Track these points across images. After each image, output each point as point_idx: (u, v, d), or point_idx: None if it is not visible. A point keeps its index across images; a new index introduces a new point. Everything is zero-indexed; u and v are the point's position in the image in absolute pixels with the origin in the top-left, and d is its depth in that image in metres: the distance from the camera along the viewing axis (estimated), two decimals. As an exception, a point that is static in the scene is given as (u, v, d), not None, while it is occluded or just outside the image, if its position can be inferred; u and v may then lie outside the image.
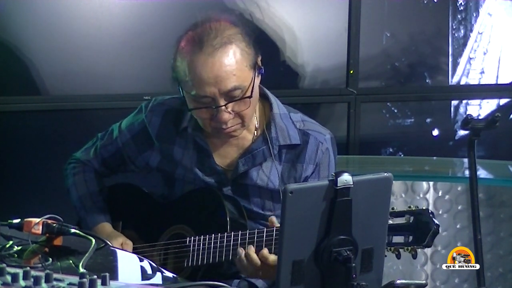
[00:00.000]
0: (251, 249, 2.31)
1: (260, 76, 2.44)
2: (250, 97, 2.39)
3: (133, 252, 2.51)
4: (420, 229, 2.21)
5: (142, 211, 2.67)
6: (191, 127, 2.53)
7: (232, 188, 2.54)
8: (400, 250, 2.23)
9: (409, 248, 2.22)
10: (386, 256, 2.09)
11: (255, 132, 2.54)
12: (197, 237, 2.45)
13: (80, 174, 2.73)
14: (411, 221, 2.22)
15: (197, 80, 2.35)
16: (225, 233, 2.39)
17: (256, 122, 2.53)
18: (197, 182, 2.55)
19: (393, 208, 2.20)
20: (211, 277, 2.41)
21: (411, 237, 2.22)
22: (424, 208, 2.24)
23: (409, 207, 2.24)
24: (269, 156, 2.51)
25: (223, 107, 2.37)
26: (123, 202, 2.73)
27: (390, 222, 2.17)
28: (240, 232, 2.38)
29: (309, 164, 2.52)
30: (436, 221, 2.21)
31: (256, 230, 2.36)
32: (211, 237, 2.41)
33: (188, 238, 2.47)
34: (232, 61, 2.35)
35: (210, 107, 2.38)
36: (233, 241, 2.37)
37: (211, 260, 2.41)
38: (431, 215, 2.21)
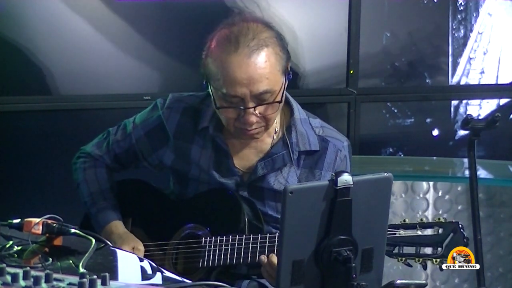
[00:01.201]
0: (274, 257, 2.30)
1: (288, 81, 2.43)
2: (280, 102, 2.39)
3: (145, 251, 2.49)
4: (449, 242, 2.21)
5: (154, 208, 2.64)
6: (212, 127, 2.51)
7: (248, 191, 2.52)
8: (428, 261, 2.23)
9: (438, 260, 2.22)
10: (411, 266, 2.10)
11: (274, 135, 2.53)
12: (213, 237, 2.43)
13: (92, 169, 2.68)
14: (439, 233, 2.21)
15: (229, 79, 2.34)
16: (244, 235, 2.38)
17: (276, 126, 2.52)
18: (212, 183, 2.53)
19: (421, 220, 2.21)
20: (223, 277, 2.41)
21: (439, 249, 2.22)
22: (453, 221, 2.24)
23: (438, 218, 2.24)
24: (289, 161, 2.50)
25: (251, 109, 2.36)
26: (134, 198, 2.69)
27: (419, 233, 2.17)
28: (259, 235, 2.36)
29: (328, 171, 2.50)
30: (465, 234, 2.22)
31: (275, 234, 2.34)
32: (228, 239, 2.39)
33: (204, 239, 2.44)
34: (267, 64, 2.35)
35: (239, 107, 2.37)
36: (252, 244, 2.36)
37: (227, 261, 2.39)
38: (460, 229, 2.22)
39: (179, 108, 2.57)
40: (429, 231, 2.23)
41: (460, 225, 2.22)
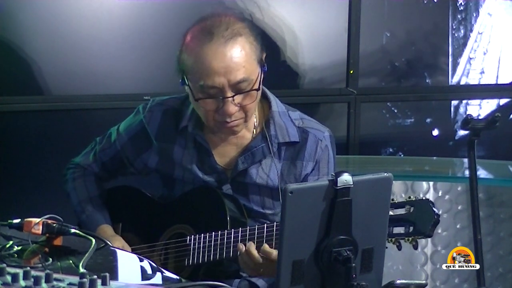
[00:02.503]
0: (252, 246, 2.32)
1: (263, 73, 2.45)
2: (257, 89, 2.41)
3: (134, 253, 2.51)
4: (420, 219, 2.21)
5: (142, 212, 2.67)
6: (191, 126, 2.54)
7: (232, 187, 2.54)
8: (401, 241, 2.22)
9: (410, 238, 2.22)
10: (387, 248, 2.09)
11: (254, 130, 2.54)
12: (197, 235, 2.45)
13: (81, 179, 2.73)
14: (411, 211, 2.21)
15: (206, 70, 2.36)
16: (225, 231, 2.40)
17: (255, 121, 2.53)
18: (196, 182, 2.55)
19: (393, 199, 2.20)
20: (211, 275, 2.42)
21: (411, 228, 2.22)
22: (424, 198, 2.24)
23: (409, 197, 2.23)
24: (268, 154, 2.51)
25: (230, 99, 2.37)
26: (123, 204, 2.73)
27: (391, 213, 2.16)
28: (240, 229, 2.38)
29: (309, 162, 2.52)
30: (436, 211, 2.21)
31: (256, 226, 2.36)
32: (211, 235, 2.41)
33: (188, 237, 2.47)
34: (242, 53, 2.37)
35: (217, 98, 2.38)
36: (233, 238, 2.38)
37: (211, 258, 2.41)
38: (431, 205, 2.21)
39: (159, 110, 2.60)
40: (401, 211, 2.22)
41: (430, 202, 2.22)
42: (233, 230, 2.39)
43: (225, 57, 2.35)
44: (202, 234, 2.43)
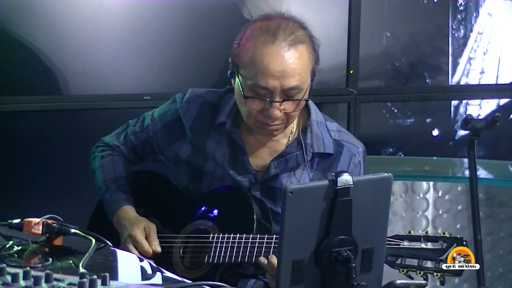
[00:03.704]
0: (274, 259, 2.29)
1: (312, 84, 2.44)
2: (306, 100, 2.42)
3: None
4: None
5: (166, 201, 2.65)
6: (229, 123, 2.53)
7: (261, 190, 2.53)
8: (429, 275, 2.23)
9: (439, 274, 2.23)
10: (413, 278, 2.10)
11: (290, 136, 2.53)
12: (221, 234, 2.43)
13: (109, 157, 2.72)
14: (443, 247, 2.22)
15: (263, 70, 2.34)
16: (251, 235, 2.38)
17: (292, 127, 2.53)
18: (226, 179, 2.54)
19: (426, 233, 2.22)
20: (229, 275, 2.42)
21: (441, 263, 2.22)
22: (458, 236, 2.24)
23: (444, 233, 2.24)
24: (302, 162, 2.51)
25: (277, 103, 2.36)
26: (148, 190, 2.72)
27: (423, 246, 2.18)
28: (266, 235, 2.36)
29: None
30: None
31: None
32: (236, 236, 2.39)
33: (211, 235, 2.45)
34: (301, 61, 2.37)
35: (265, 100, 2.37)
36: (258, 243, 2.36)
37: (232, 259, 2.39)
38: (464, 244, 2.22)
39: (197, 102, 2.59)
40: (433, 245, 2.23)
41: (464, 241, 2.22)
42: (258, 235, 2.37)
43: (284, 61, 2.34)
44: (226, 234, 2.41)
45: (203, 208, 2.54)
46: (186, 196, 2.62)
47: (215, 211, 2.52)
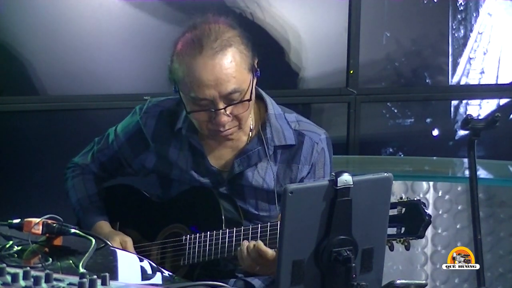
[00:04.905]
0: (253, 243, 2.31)
1: (256, 79, 2.44)
2: (249, 100, 2.40)
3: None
4: (412, 220, 2.21)
5: (139, 211, 2.68)
6: (185, 129, 2.53)
7: (228, 189, 2.54)
8: (393, 241, 2.22)
9: (402, 239, 2.22)
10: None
11: (250, 133, 2.53)
12: (192, 235, 2.45)
13: (79, 177, 2.74)
14: (403, 212, 2.21)
15: (196, 82, 2.34)
16: (220, 231, 2.40)
17: (251, 123, 2.52)
18: (193, 183, 2.55)
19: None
20: (207, 275, 2.42)
21: (403, 229, 2.22)
22: (415, 199, 2.24)
23: (401, 198, 2.24)
24: (264, 157, 2.51)
25: (222, 110, 2.36)
26: (120, 203, 2.74)
27: None
28: (234, 229, 2.38)
29: (305, 165, 2.51)
30: (428, 212, 2.21)
31: (250, 226, 2.37)
32: (206, 235, 2.42)
33: (184, 237, 2.47)
34: (232, 64, 2.35)
35: (209, 110, 2.37)
36: (228, 238, 2.38)
37: (206, 257, 2.41)
38: (422, 206, 2.21)
39: (155, 112, 2.60)
40: (392, 212, 2.21)
41: (422, 203, 2.22)
42: (227, 230, 2.39)
43: (215, 70, 2.33)
44: (198, 234, 2.44)
45: (175, 212, 2.57)
46: (158, 203, 2.64)
47: (185, 213, 2.54)
